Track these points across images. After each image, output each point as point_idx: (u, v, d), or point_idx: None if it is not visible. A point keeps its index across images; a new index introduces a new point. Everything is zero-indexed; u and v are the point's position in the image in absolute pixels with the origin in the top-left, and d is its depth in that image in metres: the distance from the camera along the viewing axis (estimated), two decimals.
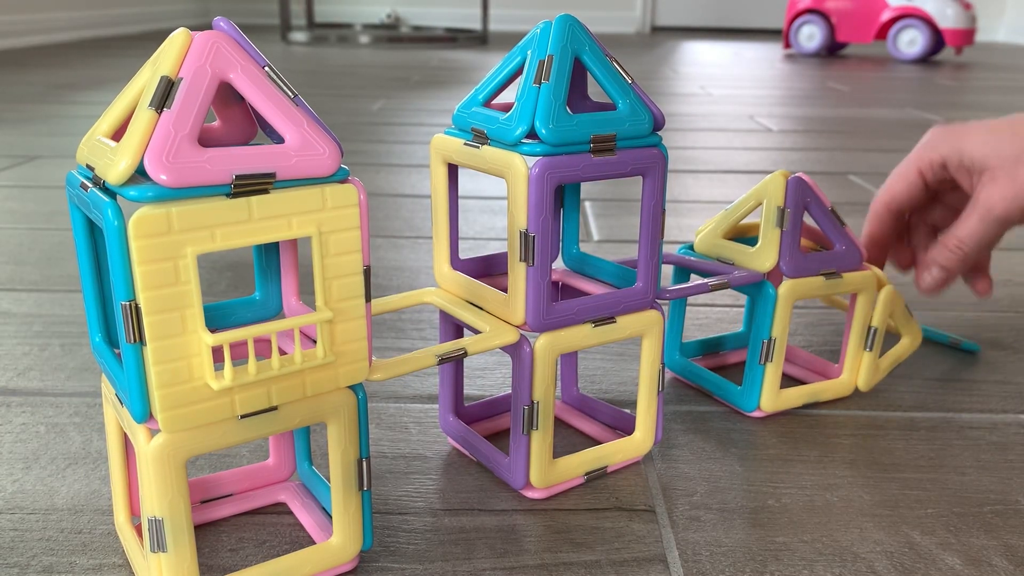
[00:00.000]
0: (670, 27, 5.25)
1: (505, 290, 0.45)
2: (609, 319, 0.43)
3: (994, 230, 0.53)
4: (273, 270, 0.40)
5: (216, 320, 0.39)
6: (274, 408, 0.34)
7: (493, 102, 0.43)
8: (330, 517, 0.41)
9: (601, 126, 0.40)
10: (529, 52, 0.40)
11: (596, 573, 0.39)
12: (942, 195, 0.58)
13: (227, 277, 0.77)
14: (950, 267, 0.55)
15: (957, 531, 0.43)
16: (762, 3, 5.11)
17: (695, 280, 0.50)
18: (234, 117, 0.36)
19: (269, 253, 0.40)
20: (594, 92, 0.46)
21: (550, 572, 0.39)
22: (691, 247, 0.56)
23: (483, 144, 0.41)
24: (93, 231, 0.34)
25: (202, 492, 0.43)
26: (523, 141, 0.39)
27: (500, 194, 1.12)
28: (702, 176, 1.24)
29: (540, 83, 0.39)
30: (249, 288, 0.75)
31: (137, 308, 0.30)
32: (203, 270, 0.79)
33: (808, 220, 0.61)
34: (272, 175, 0.31)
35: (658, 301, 0.45)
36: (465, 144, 0.42)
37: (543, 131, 0.38)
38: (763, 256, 0.51)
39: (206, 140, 0.36)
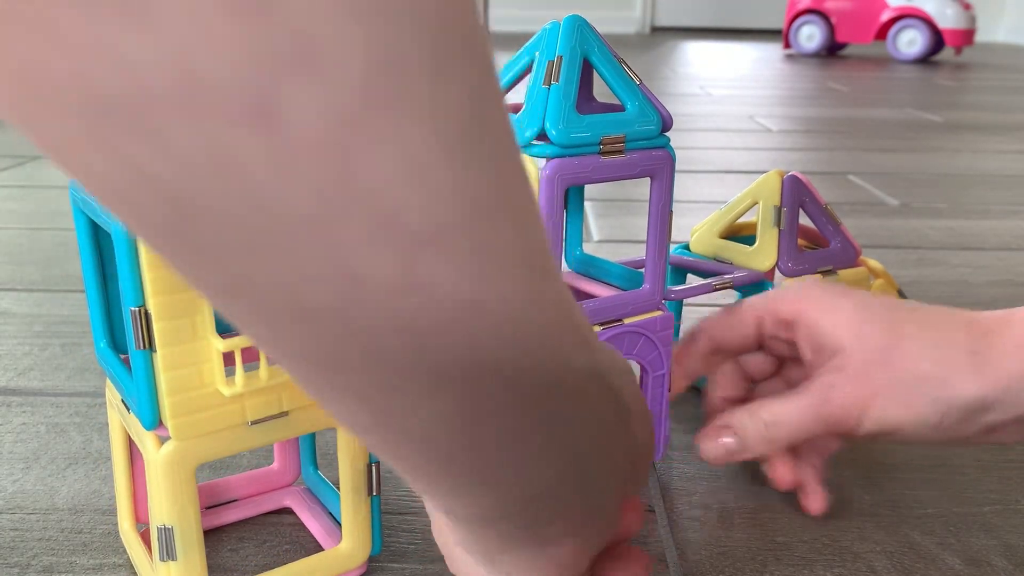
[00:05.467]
0: (670, 27, 5.25)
1: None
2: (616, 321, 0.43)
3: (818, 428, 0.39)
4: None
5: (226, 324, 0.39)
6: (285, 413, 0.34)
7: None
8: (337, 522, 0.41)
9: (611, 127, 0.40)
10: (537, 53, 0.40)
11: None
12: (771, 346, 0.44)
13: None
14: (748, 443, 0.40)
15: (957, 531, 0.43)
16: (762, 3, 5.11)
17: (692, 280, 0.50)
18: None
19: None
20: (599, 92, 0.46)
21: None
22: (686, 247, 0.56)
23: None
24: (97, 234, 0.34)
25: (207, 497, 0.43)
26: (533, 143, 0.39)
27: None
28: (702, 176, 1.24)
29: (549, 84, 0.39)
30: None
31: (147, 314, 0.29)
32: None
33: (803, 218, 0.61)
34: None
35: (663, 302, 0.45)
36: None
37: (553, 132, 0.38)
38: (762, 255, 0.51)
39: None
